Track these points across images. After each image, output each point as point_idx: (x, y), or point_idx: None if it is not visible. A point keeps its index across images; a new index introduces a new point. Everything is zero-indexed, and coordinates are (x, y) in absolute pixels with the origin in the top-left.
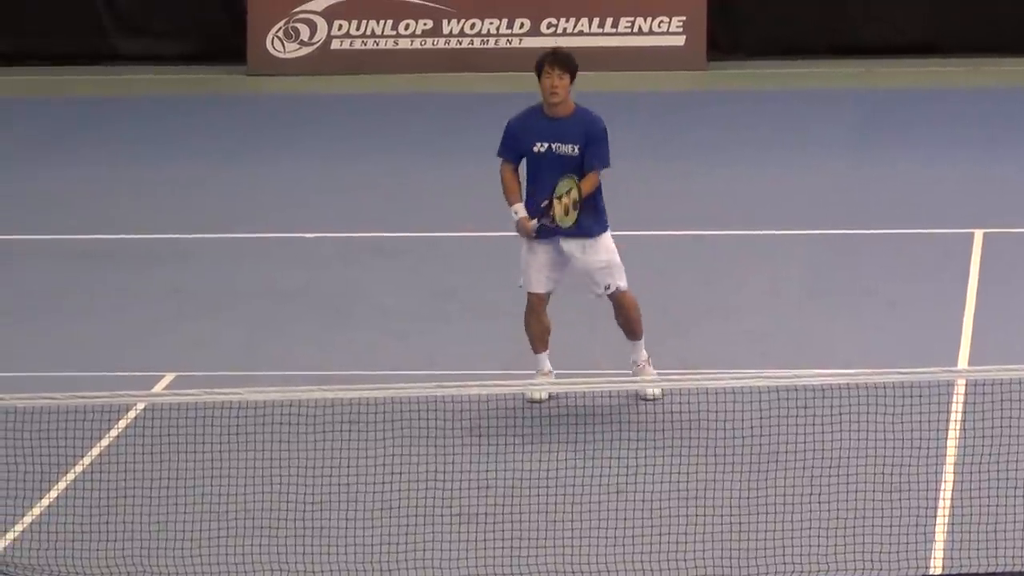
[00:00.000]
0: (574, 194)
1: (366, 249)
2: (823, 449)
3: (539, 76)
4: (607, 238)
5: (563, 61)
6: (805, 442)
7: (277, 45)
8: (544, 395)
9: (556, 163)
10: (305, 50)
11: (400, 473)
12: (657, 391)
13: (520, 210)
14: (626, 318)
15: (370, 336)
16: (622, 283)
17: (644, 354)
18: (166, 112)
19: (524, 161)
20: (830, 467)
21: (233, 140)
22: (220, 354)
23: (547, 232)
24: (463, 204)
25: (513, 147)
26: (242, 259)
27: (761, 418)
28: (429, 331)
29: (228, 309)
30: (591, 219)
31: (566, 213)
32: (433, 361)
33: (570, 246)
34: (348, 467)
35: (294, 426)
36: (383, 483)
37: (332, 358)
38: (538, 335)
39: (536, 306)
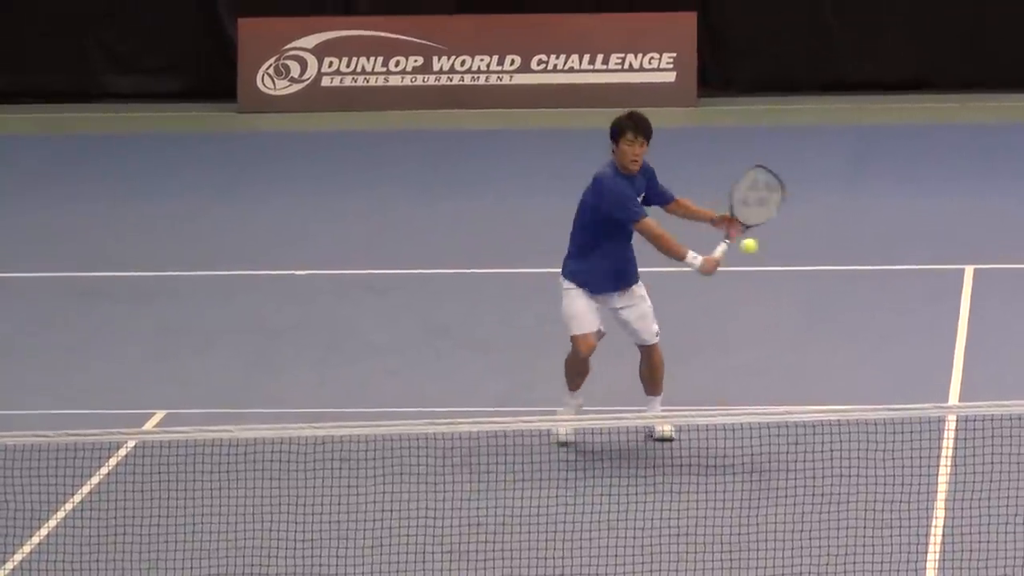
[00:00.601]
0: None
1: (357, 285)
2: (815, 485)
3: (617, 140)
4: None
5: (646, 130)
6: (796, 479)
7: (268, 82)
8: (571, 436)
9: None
10: (296, 87)
11: (391, 510)
12: (671, 431)
13: (696, 256)
14: (654, 369)
15: (362, 373)
16: (658, 330)
17: (659, 409)
18: (158, 149)
19: (592, 219)
20: (822, 503)
21: (225, 177)
22: (211, 391)
23: (597, 287)
24: (454, 240)
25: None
26: (234, 296)
27: (753, 455)
28: (421, 367)
29: (219, 346)
30: (635, 265)
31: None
32: (425, 397)
33: (618, 299)
34: (339, 504)
35: (285, 463)
36: (374, 520)
37: (324, 395)
38: (583, 375)
39: (587, 350)
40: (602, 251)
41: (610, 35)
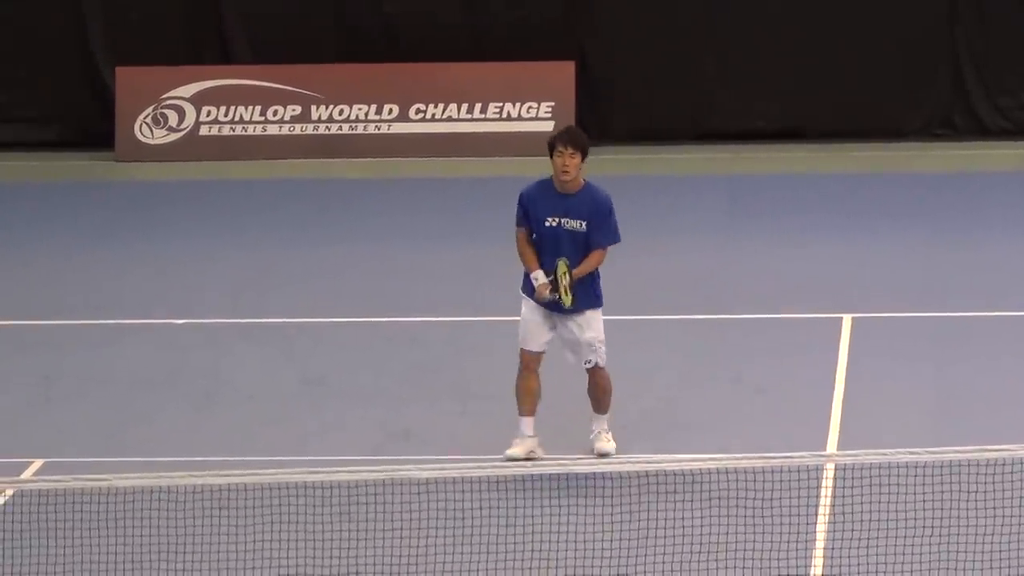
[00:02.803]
0: (565, 280)
1: (234, 334)
2: (694, 533)
3: (551, 154)
4: (599, 315)
5: (576, 140)
6: (675, 526)
7: (145, 131)
8: (519, 453)
9: (565, 238)
10: (173, 136)
11: (270, 559)
12: (612, 448)
13: (540, 276)
14: (598, 393)
15: (240, 421)
16: (602, 360)
17: (605, 424)
18: (36, 198)
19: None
20: (700, 551)
21: (102, 226)
22: (90, 440)
23: (552, 304)
24: (331, 289)
25: (525, 216)
26: (112, 344)
27: (631, 502)
28: (298, 416)
29: (99, 395)
30: (590, 294)
31: (566, 293)
32: (302, 446)
33: (565, 319)
34: (217, 553)
35: (163, 512)
36: (253, 569)
37: (202, 444)
38: (525, 393)
39: (529, 364)
40: (543, 265)
41: (488, 84)
